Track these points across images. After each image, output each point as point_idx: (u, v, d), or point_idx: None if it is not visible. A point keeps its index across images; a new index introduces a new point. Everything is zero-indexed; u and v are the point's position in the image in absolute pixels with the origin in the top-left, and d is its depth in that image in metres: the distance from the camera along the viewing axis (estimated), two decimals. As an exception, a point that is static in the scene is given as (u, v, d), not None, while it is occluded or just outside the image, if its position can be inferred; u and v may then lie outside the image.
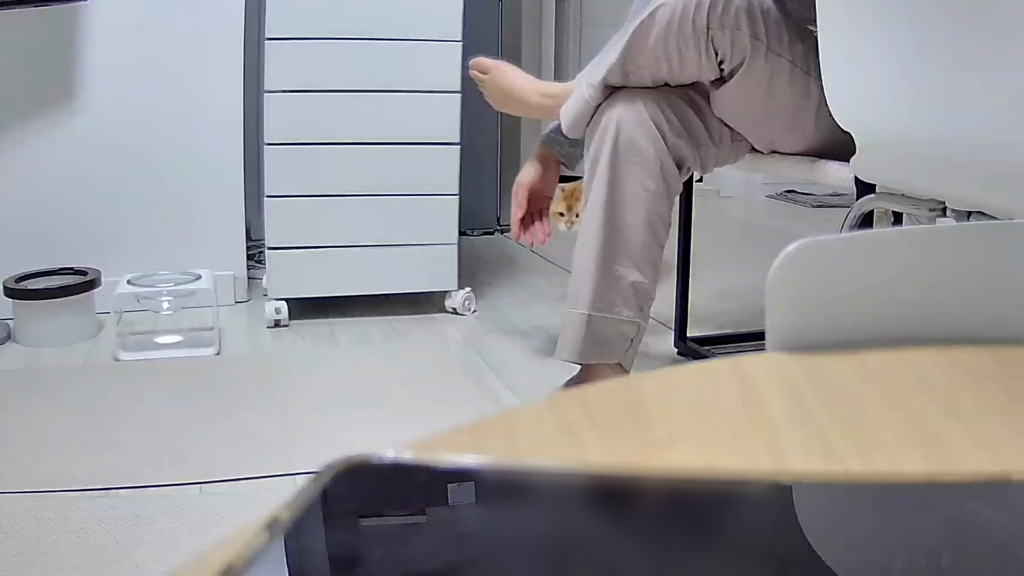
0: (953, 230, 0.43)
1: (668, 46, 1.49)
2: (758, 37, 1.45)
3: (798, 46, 1.49)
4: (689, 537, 0.34)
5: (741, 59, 1.47)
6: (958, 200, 1.21)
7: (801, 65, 1.49)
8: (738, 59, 1.47)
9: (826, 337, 0.40)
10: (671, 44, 1.48)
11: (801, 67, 1.49)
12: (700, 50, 1.47)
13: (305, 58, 2.19)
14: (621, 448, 0.34)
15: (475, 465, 0.32)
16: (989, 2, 1.02)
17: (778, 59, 1.48)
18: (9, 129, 2.28)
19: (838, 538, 0.33)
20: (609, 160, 1.54)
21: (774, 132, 1.59)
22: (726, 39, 1.45)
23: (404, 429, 1.64)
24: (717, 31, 1.44)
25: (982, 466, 0.32)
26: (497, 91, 1.83)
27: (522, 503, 0.34)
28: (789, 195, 4.48)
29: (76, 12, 2.25)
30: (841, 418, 0.36)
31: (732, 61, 1.47)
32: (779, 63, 1.48)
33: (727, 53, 1.46)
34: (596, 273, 1.56)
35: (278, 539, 0.28)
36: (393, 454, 0.32)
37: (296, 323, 2.30)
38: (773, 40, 1.47)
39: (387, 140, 2.27)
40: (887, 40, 1.17)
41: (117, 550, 1.22)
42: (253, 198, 2.63)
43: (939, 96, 1.11)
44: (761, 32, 1.45)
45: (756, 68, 1.48)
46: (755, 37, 1.45)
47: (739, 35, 1.45)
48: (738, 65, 1.48)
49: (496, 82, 1.83)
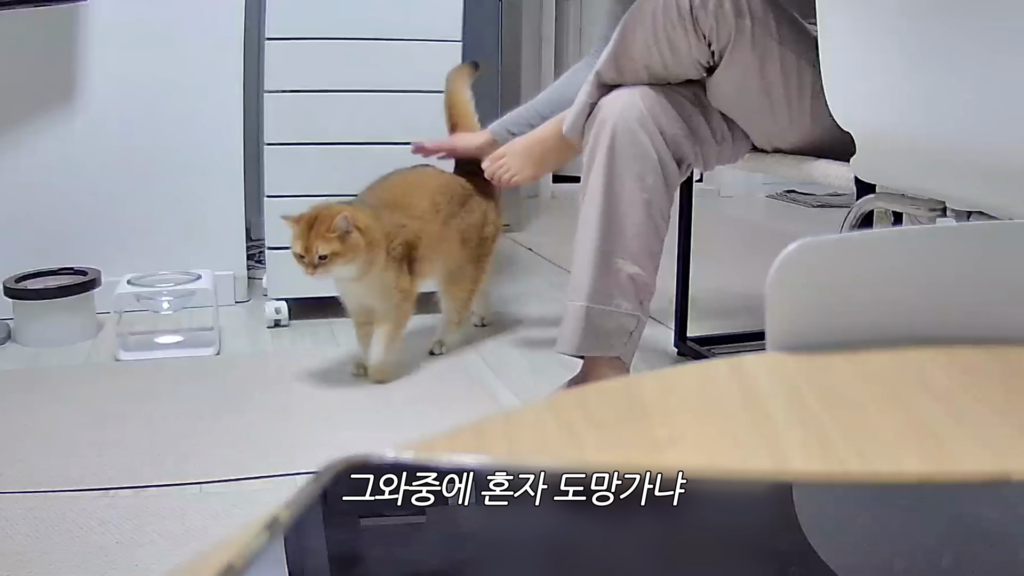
0: (953, 230, 0.43)
1: (657, 34, 1.50)
2: (742, 16, 1.46)
3: (786, 29, 1.50)
4: (689, 537, 0.34)
5: (727, 40, 1.48)
6: (958, 200, 1.21)
7: (792, 48, 1.50)
8: (724, 40, 1.48)
9: (826, 337, 0.40)
10: (659, 31, 1.49)
11: (792, 50, 1.50)
12: (687, 33, 1.48)
13: (305, 58, 2.19)
14: (621, 448, 0.34)
15: (475, 465, 0.32)
16: (989, 2, 1.02)
17: (766, 40, 1.48)
18: (9, 129, 2.28)
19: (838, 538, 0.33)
20: (606, 153, 1.55)
21: (771, 122, 1.58)
22: (711, 19, 1.46)
23: (404, 429, 1.64)
24: (700, 11, 1.46)
25: (982, 466, 0.32)
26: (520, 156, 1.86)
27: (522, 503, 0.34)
28: (789, 195, 4.48)
29: (76, 12, 2.25)
30: (841, 418, 0.36)
31: (719, 42, 1.48)
32: (768, 44, 1.49)
33: (713, 34, 1.47)
34: (594, 266, 1.56)
35: (278, 539, 0.28)
36: (393, 454, 0.32)
37: (296, 323, 2.30)
38: (759, 20, 1.48)
39: (387, 140, 2.27)
40: (887, 40, 1.17)
41: (117, 550, 1.22)
42: (253, 198, 2.63)
43: (939, 96, 1.11)
44: (744, 11, 1.46)
45: (744, 48, 1.49)
46: (739, 16, 1.46)
47: (723, 13, 1.46)
48: (725, 46, 1.49)
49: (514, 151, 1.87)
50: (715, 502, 0.34)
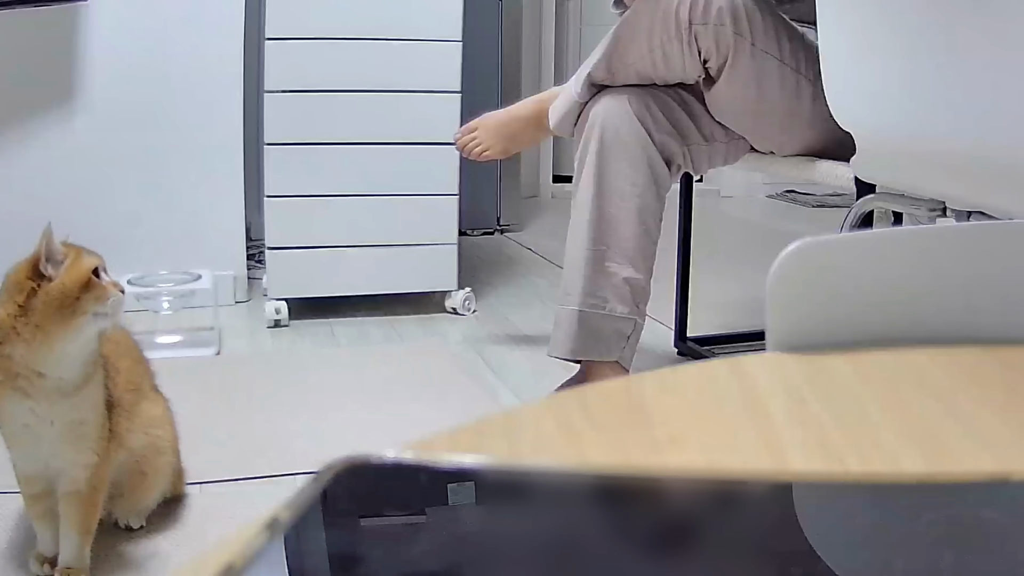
0: (953, 230, 0.43)
1: (652, 42, 1.50)
2: (742, 34, 1.46)
3: (786, 44, 1.50)
4: (689, 537, 0.34)
5: (725, 56, 1.47)
6: (958, 200, 1.21)
7: (790, 63, 1.50)
8: (723, 56, 1.47)
9: (826, 337, 0.40)
10: (655, 40, 1.49)
11: (790, 65, 1.50)
12: (683, 46, 1.47)
13: (305, 58, 2.19)
14: (621, 448, 0.34)
15: (475, 465, 0.32)
16: (989, 3, 1.02)
17: (765, 56, 1.48)
18: (9, 129, 2.28)
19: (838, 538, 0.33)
20: (596, 156, 1.55)
21: (770, 133, 1.59)
22: (709, 36, 1.46)
23: (404, 429, 1.64)
24: (700, 27, 1.45)
25: (982, 466, 0.32)
26: (493, 132, 1.84)
27: (522, 503, 0.34)
28: (789, 195, 4.48)
29: (76, 12, 2.25)
30: (841, 418, 0.36)
31: (717, 59, 1.48)
32: (767, 61, 1.49)
33: (711, 50, 1.47)
34: (586, 269, 1.56)
35: (278, 539, 0.28)
36: (393, 454, 0.32)
37: (296, 323, 2.30)
38: (759, 38, 1.47)
39: (387, 140, 2.27)
40: (887, 40, 1.17)
41: (117, 550, 1.22)
42: (253, 198, 2.63)
43: (939, 96, 1.11)
44: (745, 29, 1.46)
45: (742, 66, 1.48)
46: (739, 34, 1.46)
47: (722, 31, 1.45)
48: (723, 63, 1.48)
49: (487, 125, 1.85)
50: (715, 502, 0.34)
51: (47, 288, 1.07)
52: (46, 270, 1.08)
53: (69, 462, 1.13)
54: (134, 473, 1.25)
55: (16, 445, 1.12)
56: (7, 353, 1.06)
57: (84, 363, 1.11)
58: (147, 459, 1.27)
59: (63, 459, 1.12)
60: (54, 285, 1.07)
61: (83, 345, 1.10)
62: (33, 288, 1.07)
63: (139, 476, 1.26)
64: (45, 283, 1.07)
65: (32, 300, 1.06)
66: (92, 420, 1.13)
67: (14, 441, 1.11)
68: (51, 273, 1.08)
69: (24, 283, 1.07)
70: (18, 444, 1.11)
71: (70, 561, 1.14)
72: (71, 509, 1.14)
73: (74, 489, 1.13)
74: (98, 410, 1.14)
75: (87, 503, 1.14)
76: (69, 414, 1.11)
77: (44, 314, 1.06)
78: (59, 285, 1.07)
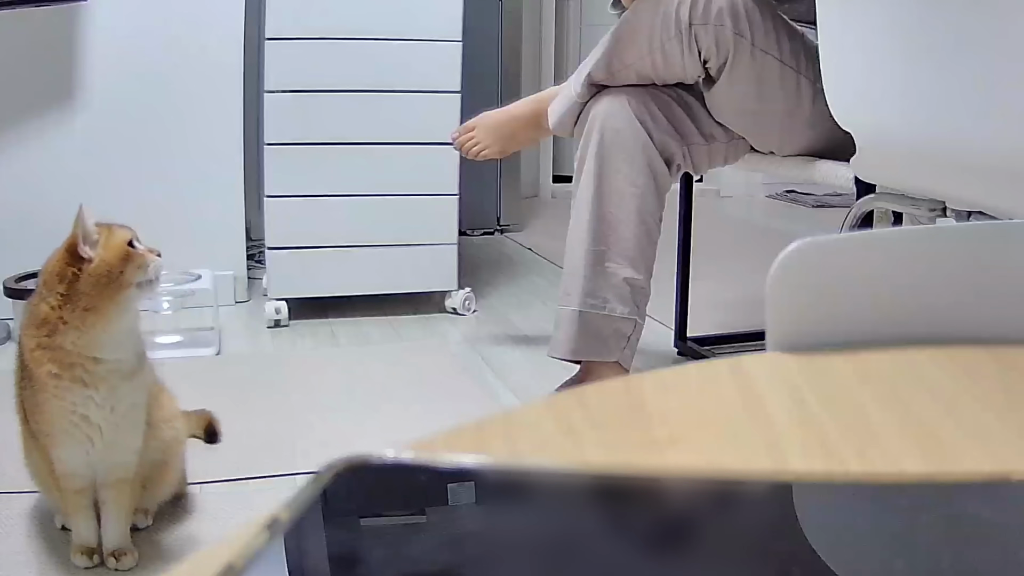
0: (953, 230, 0.43)
1: (652, 43, 1.50)
2: (742, 35, 1.46)
3: (786, 45, 1.50)
4: (689, 537, 0.34)
5: (725, 57, 1.47)
6: (958, 200, 1.21)
7: (790, 63, 1.50)
8: (723, 57, 1.47)
9: (826, 337, 0.40)
10: (655, 40, 1.49)
11: (790, 65, 1.50)
12: (683, 46, 1.47)
13: (305, 58, 2.19)
14: (621, 448, 0.34)
15: (475, 465, 0.32)
16: (989, 3, 1.02)
17: (765, 57, 1.48)
18: (9, 129, 2.28)
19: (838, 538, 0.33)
20: (595, 156, 1.55)
21: (770, 133, 1.59)
22: (709, 36, 1.46)
23: (404, 429, 1.64)
24: (700, 27, 1.45)
25: (982, 466, 0.32)
26: (491, 131, 1.84)
27: (522, 503, 0.34)
28: (789, 195, 4.48)
29: (76, 12, 2.25)
30: (841, 418, 0.36)
31: (717, 59, 1.48)
32: (767, 61, 1.49)
33: (711, 50, 1.47)
34: (586, 269, 1.56)
35: (278, 539, 0.28)
36: (393, 454, 0.32)
37: (296, 323, 2.30)
38: (759, 38, 1.47)
39: (387, 140, 2.27)
40: (887, 40, 1.17)
41: (117, 550, 1.22)
42: (253, 198, 2.63)
43: (939, 96, 1.11)
44: (745, 30, 1.46)
45: (743, 66, 1.48)
46: (739, 35, 1.46)
47: (722, 31, 1.45)
48: (723, 63, 1.48)
49: (485, 124, 1.85)
50: (715, 502, 0.34)
51: (89, 269, 1.07)
52: (85, 252, 1.07)
53: (124, 448, 1.14)
54: (158, 464, 1.25)
55: (66, 442, 1.10)
56: (59, 344, 1.06)
57: (136, 342, 1.12)
58: (171, 450, 1.27)
59: (120, 445, 1.13)
60: (96, 264, 1.07)
61: (132, 321, 1.11)
62: (75, 273, 1.07)
63: (163, 467, 1.26)
64: (86, 265, 1.07)
65: (76, 285, 1.06)
66: (143, 404, 1.15)
67: (64, 438, 1.10)
68: (90, 255, 1.07)
69: (65, 271, 1.07)
70: (70, 440, 1.10)
71: (119, 543, 1.17)
72: (120, 495, 1.16)
73: (125, 476, 1.15)
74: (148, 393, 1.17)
75: (133, 486, 1.17)
76: (129, 397, 1.12)
77: (92, 295, 1.06)
78: (101, 263, 1.08)
